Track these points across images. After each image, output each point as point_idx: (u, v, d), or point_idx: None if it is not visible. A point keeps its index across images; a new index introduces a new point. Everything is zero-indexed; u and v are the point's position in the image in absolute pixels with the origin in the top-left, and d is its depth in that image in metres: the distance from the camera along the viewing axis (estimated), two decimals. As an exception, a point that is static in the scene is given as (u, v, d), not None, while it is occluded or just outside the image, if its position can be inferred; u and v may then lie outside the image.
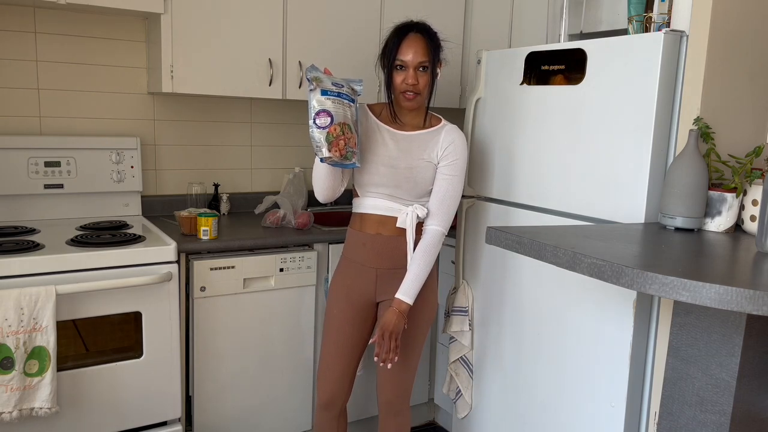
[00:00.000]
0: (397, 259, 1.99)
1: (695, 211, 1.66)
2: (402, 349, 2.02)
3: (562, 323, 2.02)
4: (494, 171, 2.29)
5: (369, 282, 2.01)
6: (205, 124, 2.85)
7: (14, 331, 1.84)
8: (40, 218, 2.47)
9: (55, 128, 2.55)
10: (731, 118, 1.78)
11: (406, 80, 1.88)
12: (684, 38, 1.75)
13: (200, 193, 2.71)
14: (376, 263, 1.99)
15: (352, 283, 2.02)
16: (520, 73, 2.16)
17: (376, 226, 1.98)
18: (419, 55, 1.88)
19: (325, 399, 2.07)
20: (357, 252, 2.01)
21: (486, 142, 2.32)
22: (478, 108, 2.35)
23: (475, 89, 2.35)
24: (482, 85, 2.33)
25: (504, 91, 2.23)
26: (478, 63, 2.34)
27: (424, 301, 2.01)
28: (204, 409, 2.32)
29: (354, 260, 2.02)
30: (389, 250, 1.98)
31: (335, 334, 2.03)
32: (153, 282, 2.06)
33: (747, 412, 1.57)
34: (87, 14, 2.55)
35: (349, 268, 2.03)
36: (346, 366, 2.05)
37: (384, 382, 2.06)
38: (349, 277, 2.02)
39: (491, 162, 2.30)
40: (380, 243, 1.98)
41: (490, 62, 2.29)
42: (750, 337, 1.51)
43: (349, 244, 2.04)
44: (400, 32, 1.90)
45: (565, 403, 2.03)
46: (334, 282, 2.07)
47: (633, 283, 1.23)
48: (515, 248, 1.54)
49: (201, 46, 2.44)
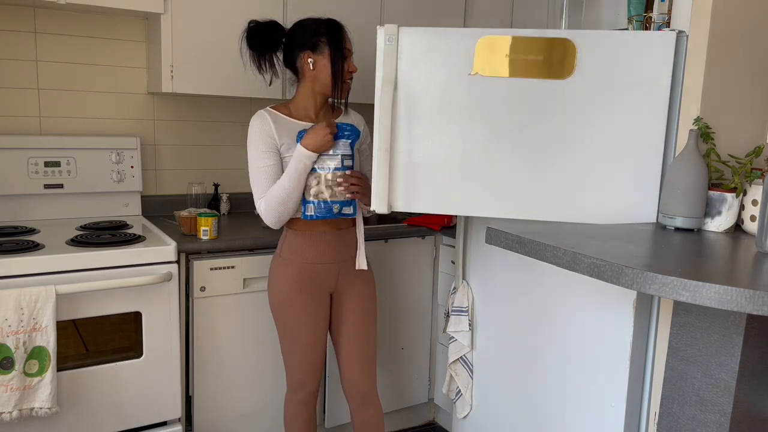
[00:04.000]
0: (354, 249, 2.09)
1: (695, 211, 1.66)
2: (364, 338, 2.10)
3: (562, 323, 2.02)
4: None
5: (330, 277, 2.04)
6: (205, 124, 2.85)
7: (14, 331, 1.84)
8: (40, 218, 2.47)
9: (55, 128, 2.55)
10: (731, 118, 1.78)
11: (351, 68, 2.00)
12: (684, 38, 1.75)
13: (200, 193, 2.71)
14: (338, 258, 2.03)
15: (311, 282, 2.01)
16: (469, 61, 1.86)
17: (331, 224, 2.03)
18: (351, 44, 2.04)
19: (312, 392, 2.09)
20: (316, 252, 2.01)
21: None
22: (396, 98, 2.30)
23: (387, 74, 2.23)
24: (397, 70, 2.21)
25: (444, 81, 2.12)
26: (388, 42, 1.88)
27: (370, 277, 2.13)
28: (204, 409, 2.32)
29: (310, 261, 2.00)
30: (347, 242, 2.06)
31: (306, 333, 2.02)
32: (153, 282, 2.06)
33: (747, 412, 1.57)
34: (87, 14, 2.55)
35: (305, 270, 2.00)
36: (324, 359, 2.10)
37: (354, 374, 2.10)
38: (306, 277, 2.00)
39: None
40: (341, 237, 2.04)
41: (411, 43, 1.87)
42: (750, 337, 1.51)
43: (304, 246, 2.00)
44: (335, 26, 1.98)
45: (565, 403, 2.03)
46: (285, 286, 2.00)
47: (633, 283, 1.23)
48: (515, 248, 1.54)
49: (201, 46, 2.44)
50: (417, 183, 1.91)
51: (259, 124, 1.95)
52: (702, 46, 1.70)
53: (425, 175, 1.91)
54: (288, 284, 2.00)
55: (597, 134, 1.90)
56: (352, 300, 2.08)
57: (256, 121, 1.96)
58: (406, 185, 1.92)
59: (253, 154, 1.95)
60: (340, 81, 1.97)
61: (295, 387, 2.09)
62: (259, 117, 1.96)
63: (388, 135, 1.88)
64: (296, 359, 2.05)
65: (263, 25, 2.02)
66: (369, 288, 2.12)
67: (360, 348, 2.09)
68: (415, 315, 2.75)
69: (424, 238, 2.71)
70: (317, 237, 2.00)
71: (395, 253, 2.65)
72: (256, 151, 1.94)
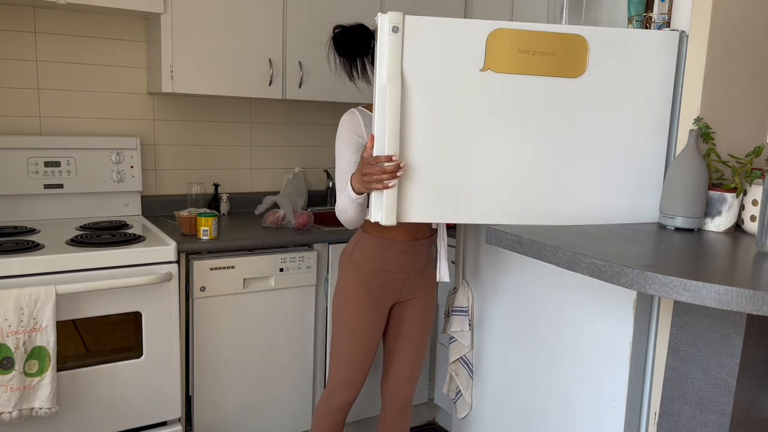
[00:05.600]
0: (427, 258, 2.03)
1: (695, 211, 1.66)
2: (419, 345, 2.09)
3: (562, 323, 2.02)
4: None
5: (397, 285, 2.00)
6: (205, 124, 2.85)
7: (14, 331, 1.84)
8: (40, 218, 2.47)
9: (55, 128, 2.55)
10: (731, 118, 1.78)
11: None
12: (684, 38, 1.74)
13: (200, 193, 2.71)
14: (409, 267, 1.99)
15: (379, 289, 1.98)
16: (480, 55, 1.68)
17: (410, 232, 1.96)
18: None
19: (349, 401, 2.07)
20: (388, 260, 1.95)
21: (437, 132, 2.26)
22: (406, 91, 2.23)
23: (391, 67, 2.04)
24: (402, 61, 2.03)
25: (454, 76, 2.05)
26: (393, 31, 1.63)
27: (434, 287, 2.11)
28: (204, 409, 2.32)
29: (381, 269, 1.96)
30: (424, 253, 2.01)
31: (363, 337, 2.00)
32: (153, 282, 2.06)
33: (747, 412, 1.57)
34: (87, 14, 2.55)
35: (375, 276, 1.96)
36: (369, 368, 2.08)
37: (402, 381, 2.09)
38: (375, 284, 1.97)
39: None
40: (417, 247, 1.98)
41: (417, 32, 1.67)
42: (750, 337, 1.51)
43: (376, 253, 1.94)
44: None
45: (564, 403, 2.02)
46: (351, 287, 1.98)
47: (633, 283, 1.23)
48: (515, 248, 1.54)
49: (201, 46, 2.44)
50: (427, 192, 1.69)
51: (348, 121, 1.87)
52: (702, 46, 1.70)
53: (436, 183, 1.69)
54: (355, 287, 1.96)
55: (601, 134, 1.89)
56: (415, 309, 2.07)
57: (346, 118, 1.88)
58: (418, 195, 1.69)
59: (340, 149, 1.87)
60: None
61: (335, 390, 2.06)
62: (349, 114, 1.89)
63: (396, 138, 1.63)
64: (344, 365, 2.03)
65: (350, 29, 1.91)
66: (431, 298, 2.10)
67: (414, 357, 2.09)
68: (415, 315, 2.75)
69: (424, 238, 2.71)
70: (392, 245, 1.94)
71: (395, 253, 2.65)
72: (342, 147, 1.86)
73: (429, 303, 2.10)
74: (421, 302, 2.07)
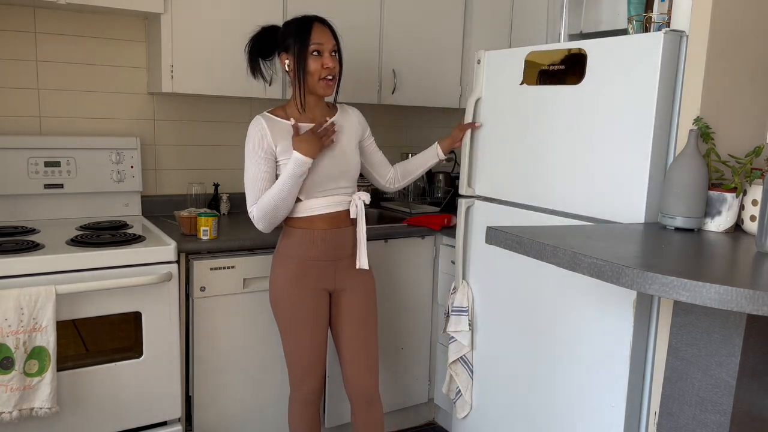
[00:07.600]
0: (351, 247, 2.07)
1: (695, 211, 1.66)
2: (366, 334, 2.10)
3: (562, 323, 2.02)
4: (494, 171, 2.29)
5: (328, 273, 2.03)
6: (205, 124, 2.85)
7: (14, 331, 1.84)
8: (40, 218, 2.47)
9: (55, 128, 2.55)
10: (731, 118, 1.78)
11: (326, 64, 1.93)
12: (684, 38, 1.75)
13: (200, 193, 2.71)
14: (335, 255, 2.03)
15: (310, 278, 2.01)
16: (520, 73, 2.16)
17: (329, 222, 2.01)
18: (332, 39, 1.95)
19: (312, 392, 2.08)
20: (313, 248, 2.00)
21: (486, 142, 2.32)
22: (478, 108, 2.35)
23: (475, 89, 2.35)
24: (482, 85, 2.33)
25: (504, 91, 2.23)
26: (477, 63, 2.34)
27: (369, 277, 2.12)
28: (204, 409, 2.32)
29: (309, 257, 2.00)
30: (348, 241, 2.05)
31: (305, 326, 2.02)
32: (153, 282, 2.06)
33: (747, 412, 1.57)
34: (87, 14, 2.55)
35: (304, 266, 2.00)
36: (325, 357, 2.10)
37: (357, 373, 2.09)
38: (306, 273, 2.01)
39: (491, 162, 2.30)
40: (339, 235, 2.02)
41: (490, 62, 2.29)
42: (750, 337, 1.51)
43: (301, 243, 2.00)
44: (305, 22, 1.94)
45: (564, 403, 2.03)
46: (285, 280, 2.01)
47: (633, 283, 1.23)
48: (515, 248, 1.54)
49: (201, 46, 2.44)
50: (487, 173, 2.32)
51: (254, 130, 1.95)
52: (702, 46, 1.70)
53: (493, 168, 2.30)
54: (286, 280, 2.00)
55: (602, 134, 1.90)
56: (351, 298, 2.08)
57: (252, 127, 1.96)
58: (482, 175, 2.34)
59: (249, 160, 1.94)
60: (313, 79, 1.94)
61: (297, 386, 2.08)
62: (254, 123, 1.96)
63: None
64: (296, 356, 2.05)
65: (263, 30, 2.02)
66: (368, 287, 2.11)
67: (361, 346, 2.09)
68: (414, 315, 2.75)
69: (424, 238, 2.71)
70: (315, 234, 2.00)
71: (395, 253, 2.65)
72: (251, 157, 1.94)
73: (367, 292, 2.11)
74: (357, 291, 2.09)
